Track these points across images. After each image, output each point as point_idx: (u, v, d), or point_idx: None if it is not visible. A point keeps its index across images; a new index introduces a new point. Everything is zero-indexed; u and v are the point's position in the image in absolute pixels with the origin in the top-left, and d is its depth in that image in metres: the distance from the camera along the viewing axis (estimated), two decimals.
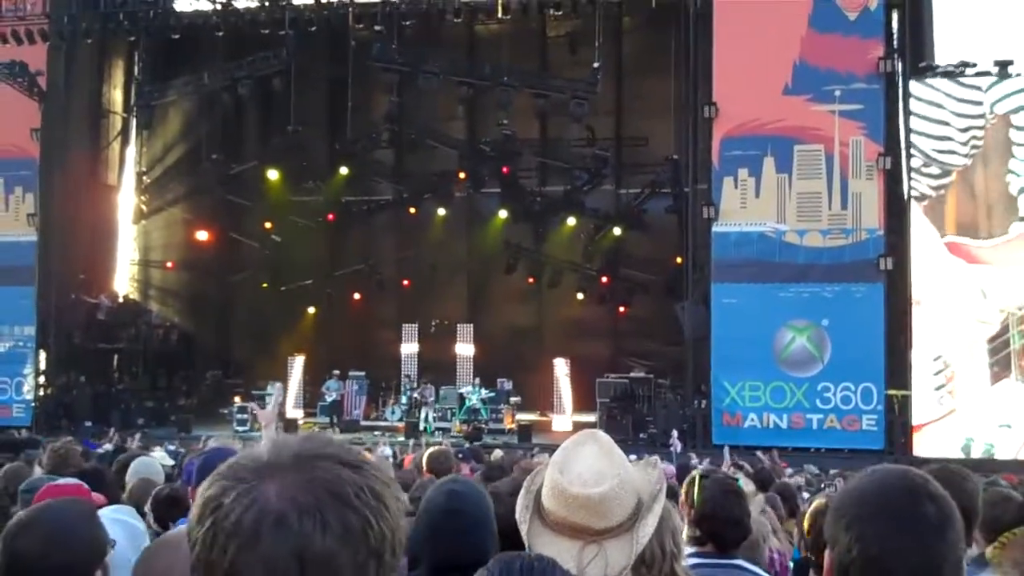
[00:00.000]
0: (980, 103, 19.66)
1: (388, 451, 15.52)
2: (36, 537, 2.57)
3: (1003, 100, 18.82)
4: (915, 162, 21.86)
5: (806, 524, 3.21)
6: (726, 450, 13.93)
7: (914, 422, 21.62)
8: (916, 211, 21.74)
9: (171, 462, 10.08)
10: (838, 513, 2.04)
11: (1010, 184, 19.07)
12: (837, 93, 23.36)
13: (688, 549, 4.03)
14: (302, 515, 1.17)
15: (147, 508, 5.35)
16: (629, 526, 2.39)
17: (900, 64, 23.47)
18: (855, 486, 2.10)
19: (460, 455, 11.48)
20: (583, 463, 2.41)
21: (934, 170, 19.91)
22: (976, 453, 20.17)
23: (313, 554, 1.17)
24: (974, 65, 23.34)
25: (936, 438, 20.81)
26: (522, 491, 2.55)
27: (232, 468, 1.24)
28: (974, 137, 18.87)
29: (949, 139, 18.88)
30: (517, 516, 2.51)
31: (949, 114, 19.69)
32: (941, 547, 1.94)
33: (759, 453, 16.99)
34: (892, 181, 23.39)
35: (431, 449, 8.15)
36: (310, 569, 1.17)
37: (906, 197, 23.31)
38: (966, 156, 19.43)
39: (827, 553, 2.08)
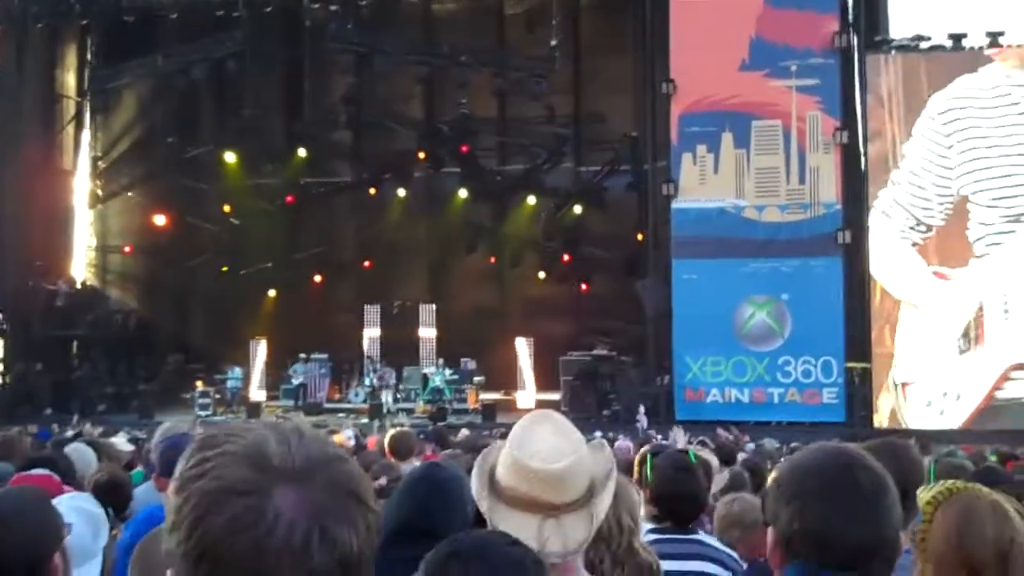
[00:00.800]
0: (949, 187, 22.76)
1: (351, 433, 15.49)
2: None
3: (966, 185, 22.63)
4: (908, 222, 23.12)
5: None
6: (677, 432, 13.93)
7: (906, 380, 22.56)
8: (910, 251, 23.08)
9: (130, 448, 10.02)
10: (779, 490, 2.14)
11: (968, 235, 22.57)
12: (793, 68, 23.48)
13: (647, 526, 4.08)
14: (339, 523, 1.18)
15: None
16: (585, 502, 2.43)
17: (855, 38, 23.62)
18: (793, 463, 2.21)
19: (423, 436, 11.49)
20: (540, 441, 2.45)
21: (922, 227, 22.79)
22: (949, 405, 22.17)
23: (352, 560, 1.18)
24: (928, 39, 23.59)
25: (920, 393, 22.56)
26: (475, 469, 2.58)
27: (241, 480, 1.18)
28: (947, 206, 22.69)
29: (929, 210, 22.88)
30: (474, 494, 2.54)
31: (931, 194, 22.83)
32: (875, 515, 2.04)
33: (719, 429, 17.15)
34: (849, 155, 23.58)
35: (392, 431, 8.15)
36: (348, 574, 1.18)
37: (863, 170, 23.55)
38: (942, 219, 22.72)
39: (770, 530, 2.16)
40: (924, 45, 23.72)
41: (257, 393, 29.09)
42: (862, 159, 23.69)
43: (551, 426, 2.49)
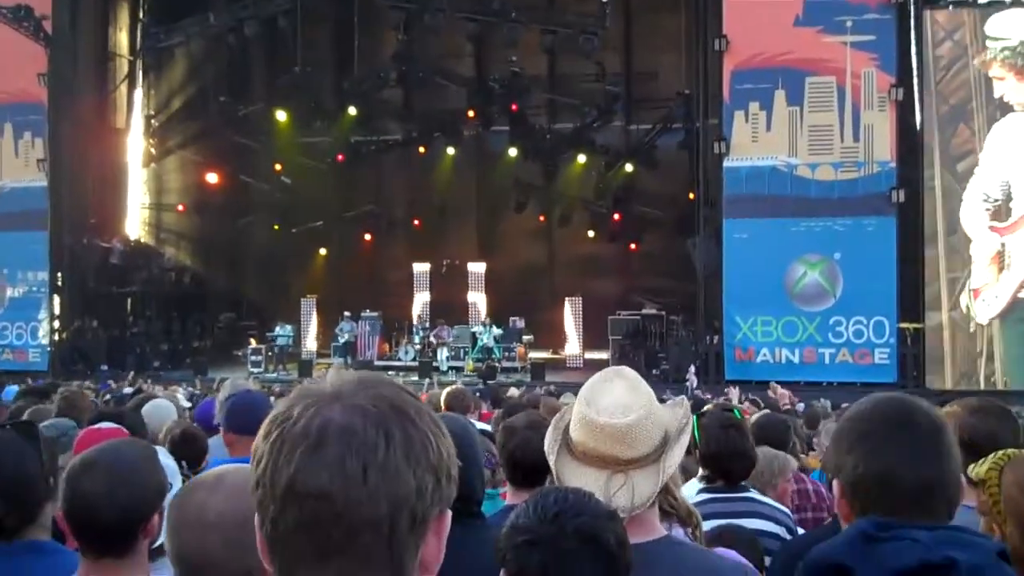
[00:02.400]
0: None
1: None
2: (100, 477, 2.54)
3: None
4: (981, 196, 23.03)
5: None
6: (732, 392, 13.96)
7: (976, 287, 23.02)
8: (983, 212, 22.99)
9: (188, 404, 10.17)
10: (840, 441, 2.18)
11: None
12: (849, 24, 23.12)
13: (699, 485, 4.11)
14: (367, 425, 1.21)
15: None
16: (655, 457, 2.43)
17: None
18: (851, 414, 2.24)
19: (477, 394, 11.54)
20: (610, 396, 2.45)
21: (990, 199, 23.05)
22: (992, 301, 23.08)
23: (377, 464, 1.20)
24: None
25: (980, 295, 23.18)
26: (551, 427, 2.61)
27: (298, 392, 1.28)
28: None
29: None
30: (546, 448, 2.56)
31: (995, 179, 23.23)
32: (936, 453, 2.08)
33: (770, 391, 17.06)
34: (904, 112, 23.22)
35: (449, 388, 8.19)
36: (374, 478, 1.19)
37: (919, 128, 23.19)
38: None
39: (835, 483, 2.20)
40: (982, 0, 23.23)
41: (308, 350, 29.35)
42: (917, 117, 23.30)
43: (623, 382, 2.50)
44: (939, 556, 1.90)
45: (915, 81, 23.24)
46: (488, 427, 6.49)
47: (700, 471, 4.27)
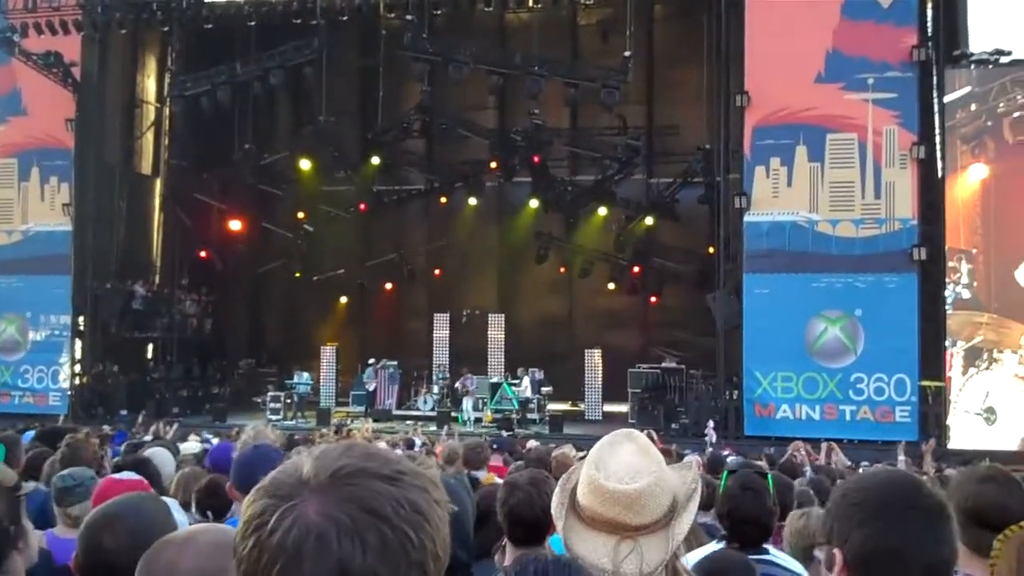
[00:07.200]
0: None
1: (419, 441, 15.58)
2: (122, 532, 2.55)
3: None
4: None
5: None
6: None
7: None
8: None
9: (198, 448, 10.19)
10: (849, 511, 2.17)
11: None
12: (870, 81, 23.17)
13: (718, 546, 4.05)
14: (341, 534, 1.20)
15: (192, 497, 5.42)
16: (664, 523, 2.41)
17: (934, 52, 23.24)
18: (859, 486, 2.25)
19: (495, 446, 11.51)
20: (620, 460, 2.43)
21: None
22: None
23: (354, 572, 1.19)
24: (1009, 53, 23.17)
25: None
26: (557, 488, 2.59)
27: (273, 484, 1.27)
28: None
29: None
30: (553, 511, 2.54)
31: None
32: (947, 536, 2.13)
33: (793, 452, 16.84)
34: (926, 170, 23.20)
35: (467, 441, 8.18)
36: None
37: (940, 186, 23.16)
38: None
39: (836, 552, 2.16)
40: (1004, 60, 23.28)
41: (327, 399, 29.32)
42: (939, 174, 23.28)
43: (632, 446, 2.48)
44: None
45: (937, 139, 23.23)
46: None
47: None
